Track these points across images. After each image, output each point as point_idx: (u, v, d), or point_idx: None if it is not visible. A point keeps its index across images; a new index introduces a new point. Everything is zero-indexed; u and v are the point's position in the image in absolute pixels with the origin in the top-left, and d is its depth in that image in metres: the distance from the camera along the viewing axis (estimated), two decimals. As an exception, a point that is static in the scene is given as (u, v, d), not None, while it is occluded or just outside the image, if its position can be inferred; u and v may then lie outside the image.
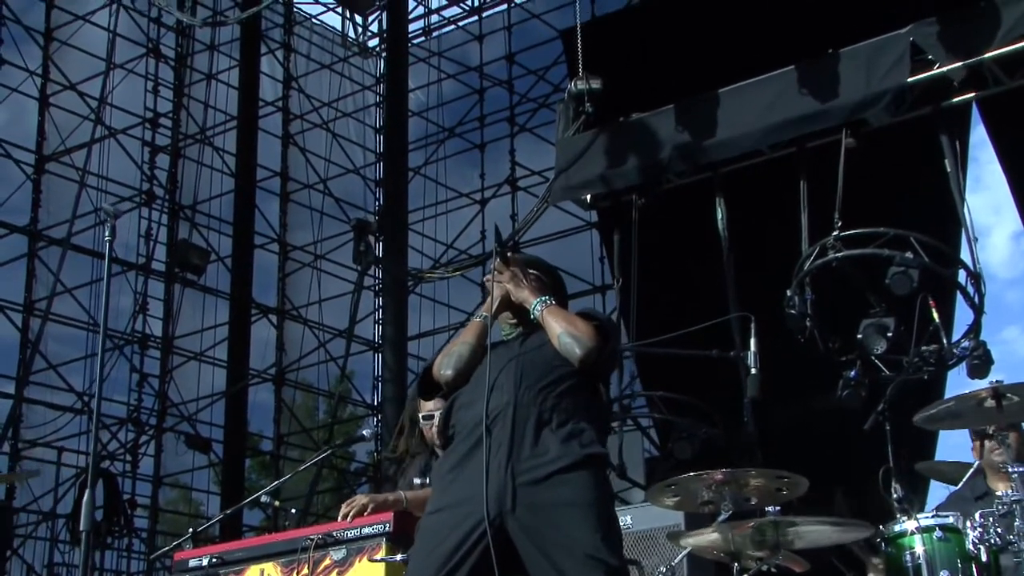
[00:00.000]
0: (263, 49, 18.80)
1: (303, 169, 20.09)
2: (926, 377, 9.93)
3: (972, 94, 10.24)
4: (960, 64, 9.81)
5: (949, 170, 10.32)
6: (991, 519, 4.98)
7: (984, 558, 4.94)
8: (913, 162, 10.70)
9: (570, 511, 4.35)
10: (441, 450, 5.26)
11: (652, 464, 12.46)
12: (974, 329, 10.02)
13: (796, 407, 11.50)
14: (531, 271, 5.00)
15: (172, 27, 18.71)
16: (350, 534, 5.71)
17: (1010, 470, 5.20)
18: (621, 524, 7.97)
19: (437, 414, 6.07)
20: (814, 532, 5.58)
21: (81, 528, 5.36)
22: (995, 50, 9.57)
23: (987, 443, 5.99)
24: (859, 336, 9.82)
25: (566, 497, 4.37)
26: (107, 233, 5.96)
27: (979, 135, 12.80)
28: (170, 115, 18.79)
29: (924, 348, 9.81)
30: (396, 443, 6.81)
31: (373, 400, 19.86)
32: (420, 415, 6.50)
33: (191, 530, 7.27)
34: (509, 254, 5.04)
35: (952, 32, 9.84)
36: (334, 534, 5.77)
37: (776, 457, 7.85)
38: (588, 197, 12.42)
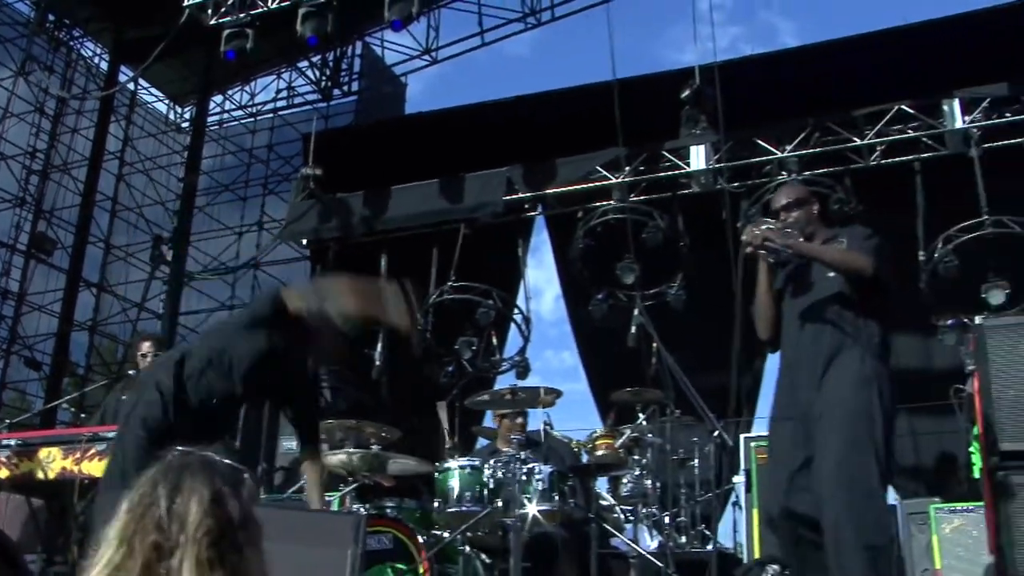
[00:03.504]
0: (112, 118, 17.76)
1: (128, 197, 18.95)
2: (491, 375, 10.21)
3: (536, 212, 10.64)
4: (531, 194, 10.16)
5: (520, 254, 10.64)
6: (498, 464, 5.03)
7: (492, 486, 4.97)
8: (503, 246, 10.84)
9: None
10: None
11: (322, 410, 12.25)
12: (522, 350, 10.32)
13: (421, 385, 11.50)
14: None
15: (54, 96, 17.49)
16: (111, 435, 5.28)
17: (512, 438, 5.33)
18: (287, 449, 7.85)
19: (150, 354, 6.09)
20: (399, 462, 5.57)
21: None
22: (551, 188, 9.97)
23: (504, 420, 6.02)
24: (456, 347, 10.04)
25: None
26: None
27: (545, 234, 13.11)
28: (43, 151, 17.52)
29: (492, 358, 10.08)
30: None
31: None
32: (139, 354, 6.21)
33: (7, 420, 6.78)
34: None
35: (530, 174, 10.15)
36: (99, 434, 5.46)
37: (403, 415, 7.90)
38: (305, 240, 12.37)
